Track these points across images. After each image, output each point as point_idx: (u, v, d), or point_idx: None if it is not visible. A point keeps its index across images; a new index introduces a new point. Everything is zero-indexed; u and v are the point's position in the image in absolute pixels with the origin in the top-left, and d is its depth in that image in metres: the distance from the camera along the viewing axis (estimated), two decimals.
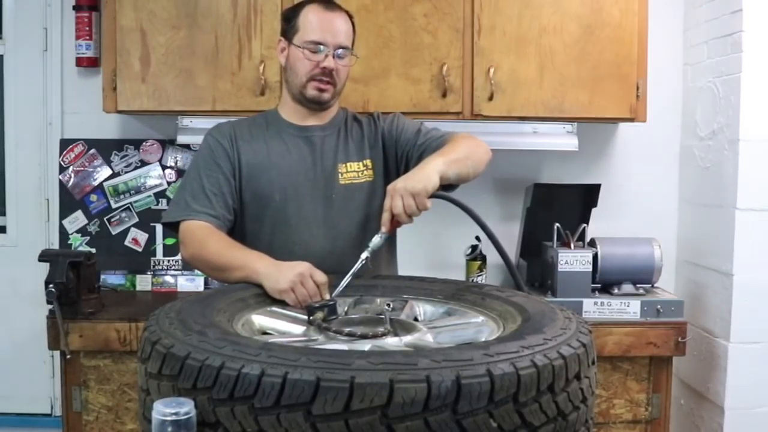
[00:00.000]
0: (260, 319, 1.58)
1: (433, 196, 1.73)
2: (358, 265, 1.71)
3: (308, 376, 1.09)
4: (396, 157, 2.10)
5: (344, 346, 1.39)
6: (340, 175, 2.05)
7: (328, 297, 1.65)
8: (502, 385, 1.12)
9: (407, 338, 1.44)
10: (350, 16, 2.06)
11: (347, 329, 1.47)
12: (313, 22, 1.99)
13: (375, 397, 1.07)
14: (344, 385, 1.08)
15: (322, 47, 1.98)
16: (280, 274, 1.69)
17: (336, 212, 2.04)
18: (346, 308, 1.71)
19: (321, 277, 1.68)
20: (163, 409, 1.11)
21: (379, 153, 2.10)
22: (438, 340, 1.47)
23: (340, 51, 1.99)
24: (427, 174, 1.75)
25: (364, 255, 1.72)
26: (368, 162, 2.09)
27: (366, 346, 1.38)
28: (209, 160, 2.03)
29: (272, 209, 2.03)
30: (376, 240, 1.73)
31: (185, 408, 1.11)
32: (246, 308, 1.59)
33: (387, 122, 2.14)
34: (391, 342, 1.42)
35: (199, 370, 1.16)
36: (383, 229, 1.73)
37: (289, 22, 2.04)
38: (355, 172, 2.07)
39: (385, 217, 1.73)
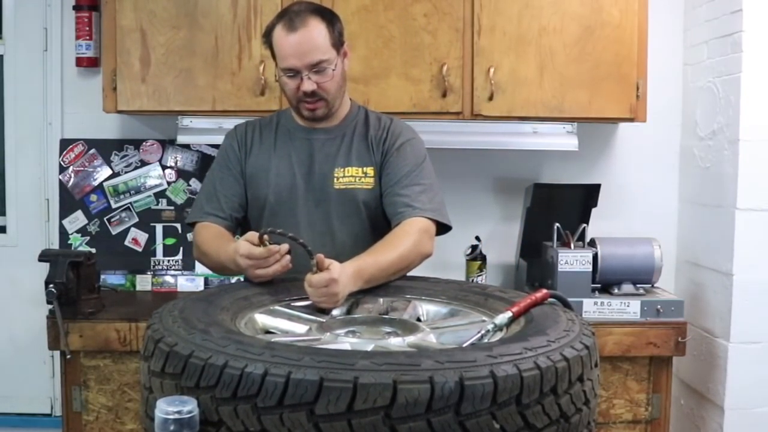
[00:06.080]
0: (263, 318, 1.58)
1: (554, 296, 1.55)
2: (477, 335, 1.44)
3: (312, 375, 1.09)
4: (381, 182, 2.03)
5: (347, 346, 1.38)
6: (335, 179, 2.01)
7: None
8: (505, 387, 1.12)
9: (410, 339, 1.44)
10: (323, 15, 1.94)
11: (350, 329, 1.47)
12: (280, 48, 1.93)
13: (378, 398, 1.07)
14: (348, 386, 1.08)
15: (295, 72, 1.92)
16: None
17: (332, 218, 2.01)
18: (348, 307, 1.70)
19: (244, 249, 1.71)
20: (166, 408, 1.11)
21: (379, 165, 2.04)
22: (441, 340, 1.47)
23: (315, 68, 1.91)
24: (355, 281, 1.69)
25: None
26: (369, 170, 2.03)
27: (369, 346, 1.38)
28: (222, 163, 2.10)
29: (267, 211, 2.04)
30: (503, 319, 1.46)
31: (188, 406, 1.11)
32: (249, 307, 1.59)
33: (392, 144, 2.04)
34: (395, 342, 1.42)
35: (202, 369, 1.16)
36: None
37: (269, 46, 1.99)
38: (352, 177, 2.02)
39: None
